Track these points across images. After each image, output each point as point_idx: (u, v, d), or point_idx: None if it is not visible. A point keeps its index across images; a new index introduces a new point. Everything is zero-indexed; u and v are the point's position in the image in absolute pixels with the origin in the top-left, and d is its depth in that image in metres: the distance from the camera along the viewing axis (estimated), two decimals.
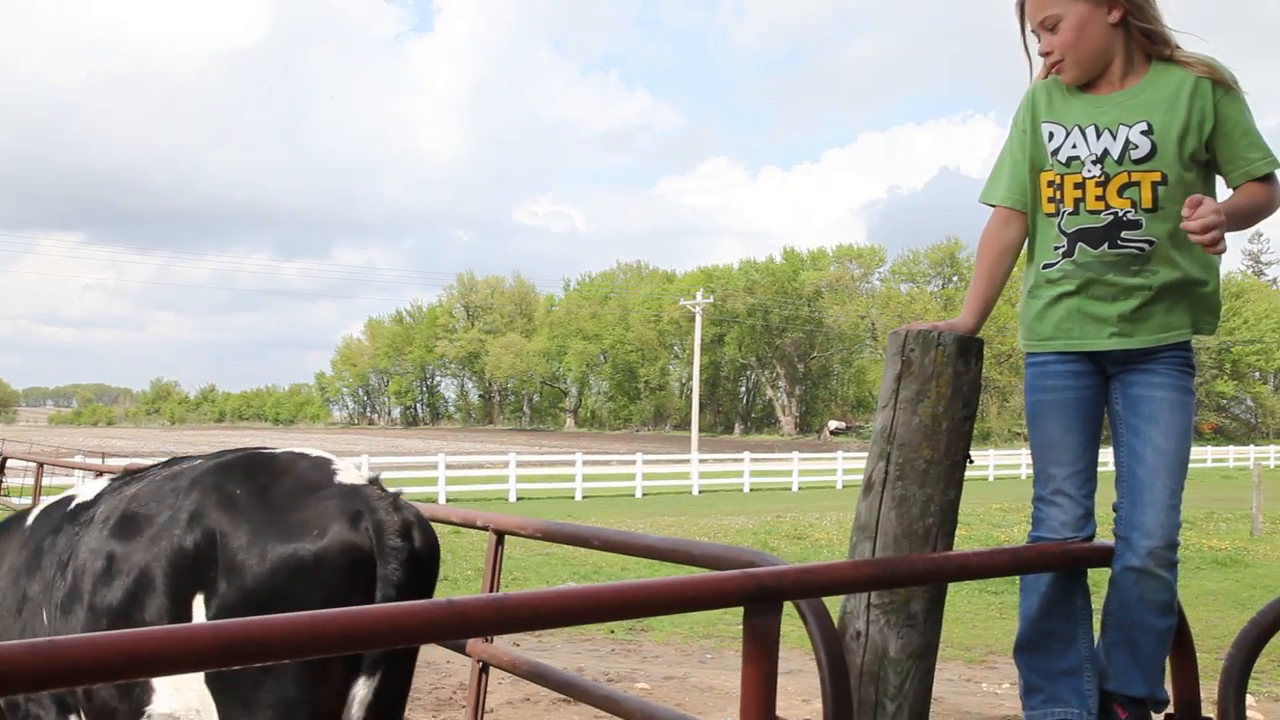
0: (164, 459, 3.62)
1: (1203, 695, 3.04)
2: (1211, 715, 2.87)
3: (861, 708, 2.66)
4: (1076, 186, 2.85)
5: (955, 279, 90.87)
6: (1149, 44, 2.82)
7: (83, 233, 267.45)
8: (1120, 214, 2.80)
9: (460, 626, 1.79)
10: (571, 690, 3.46)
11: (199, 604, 2.93)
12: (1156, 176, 2.77)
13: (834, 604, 2.54)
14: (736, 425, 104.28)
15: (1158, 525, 2.79)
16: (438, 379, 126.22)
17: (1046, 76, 2.97)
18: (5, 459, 9.44)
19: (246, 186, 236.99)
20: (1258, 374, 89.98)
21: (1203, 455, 54.05)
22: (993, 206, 3.04)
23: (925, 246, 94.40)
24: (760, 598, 2.16)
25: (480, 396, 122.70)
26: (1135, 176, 2.78)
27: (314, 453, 3.19)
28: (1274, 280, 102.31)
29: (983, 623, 11.12)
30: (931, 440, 2.73)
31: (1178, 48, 2.82)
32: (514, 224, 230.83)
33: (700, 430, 60.97)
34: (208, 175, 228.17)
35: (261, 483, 3.02)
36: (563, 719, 6.97)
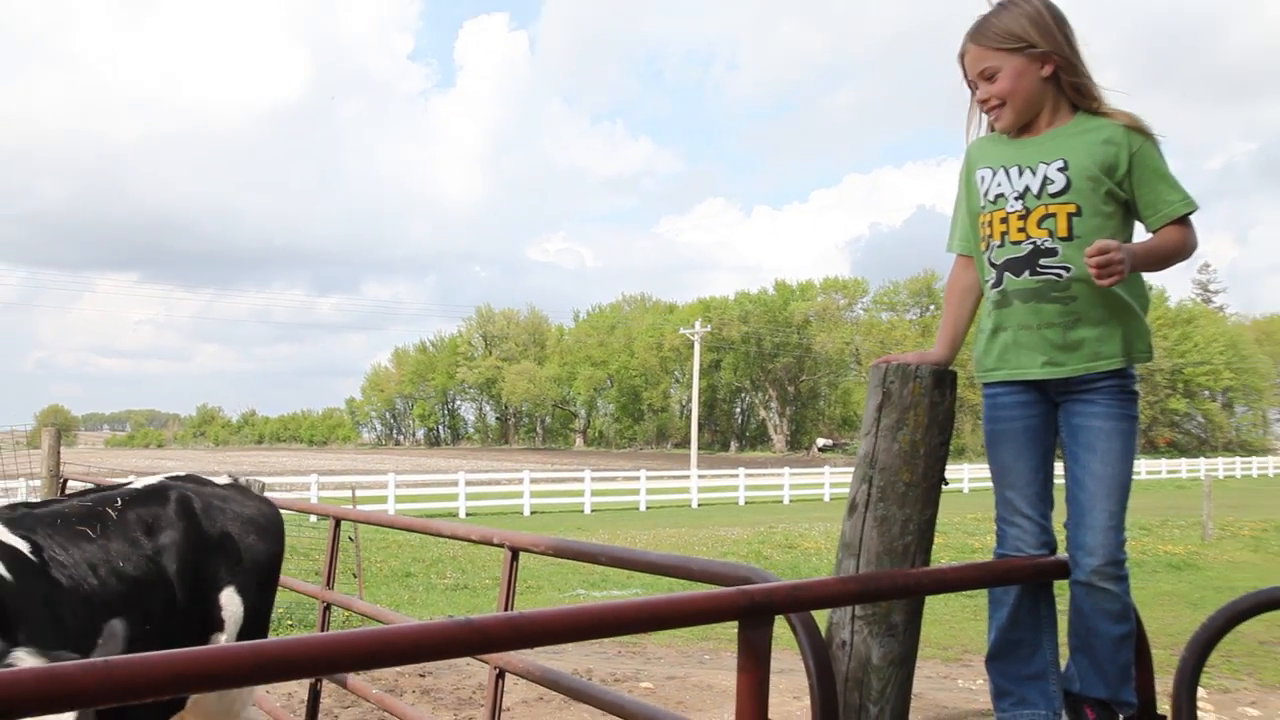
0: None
1: (1159, 689, 3.02)
2: (1166, 712, 2.85)
3: (847, 711, 2.65)
4: (1002, 221, 2.86)
5: (932, 308, 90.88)
6: (1077, 97, 2.84)
7: (137, 273, 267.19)
8: (1039, 243, 2.80)
9: (479, 643, 1.79)
10: (581, 695, 3.43)
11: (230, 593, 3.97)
12: (1072, 208, 2.77)
13: (821, 615, 2.53)
14: (732, 443, 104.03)
15: (1098, 545, 2.78)
16: (458, 403, 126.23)
17: (990, 128, 2.99)
18: (66, 480, 9.46)
19: (285, 230, 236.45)
20: (1207, 393, 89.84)
21: (1158, 467, 53.93)
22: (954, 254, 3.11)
23: (904, 278, 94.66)
24: (753, 613, 2.15)
25: (497, 419, 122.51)
26: (1052, 209, 2.79)
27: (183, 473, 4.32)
28: (1221, 307, 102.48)
29: (958, 624, 11.07)
30: (910, 465, 2.72)
31: (1102, 102, 2.84)
32: (528, 261, 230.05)
33: (699, 448, 60.82)
34: (250, 220, 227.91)
35: (220, 492, 4.16)
36: (573, 716, 6.94)
